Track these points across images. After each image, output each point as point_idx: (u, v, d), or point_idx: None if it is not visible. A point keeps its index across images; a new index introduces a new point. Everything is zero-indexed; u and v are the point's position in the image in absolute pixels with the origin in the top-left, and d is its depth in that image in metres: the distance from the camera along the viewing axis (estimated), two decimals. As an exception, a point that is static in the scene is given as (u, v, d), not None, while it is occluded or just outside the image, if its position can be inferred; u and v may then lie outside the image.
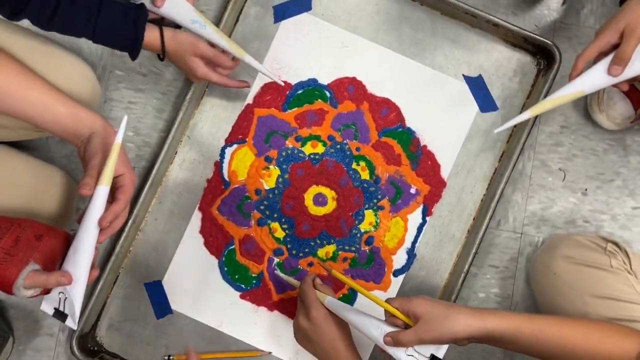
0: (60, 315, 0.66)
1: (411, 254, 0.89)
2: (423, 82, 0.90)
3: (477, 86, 0.90)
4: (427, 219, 0.89)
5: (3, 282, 0.62)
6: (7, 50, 0.68)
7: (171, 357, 0.87)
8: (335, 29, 0.90)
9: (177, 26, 0.78)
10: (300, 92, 0.90)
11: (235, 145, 0.90)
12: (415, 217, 0.89)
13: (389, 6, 0.90)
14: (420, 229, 0.89)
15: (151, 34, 0.75)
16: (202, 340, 0.88)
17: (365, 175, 0.89)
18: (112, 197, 0.66)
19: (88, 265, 0.64)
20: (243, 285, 0.88)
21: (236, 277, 0.88)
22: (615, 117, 0.84)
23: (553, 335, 0.64)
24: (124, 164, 0.67)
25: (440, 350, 0.66)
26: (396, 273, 0.89)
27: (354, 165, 0.89)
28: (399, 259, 0.89)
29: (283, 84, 0.88)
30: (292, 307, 0.88)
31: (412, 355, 0.67)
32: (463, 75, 0.90)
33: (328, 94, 0.90)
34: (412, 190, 0.89)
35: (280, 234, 0.88)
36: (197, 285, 0.88)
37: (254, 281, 0.88)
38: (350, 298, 0.87)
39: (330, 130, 0.89)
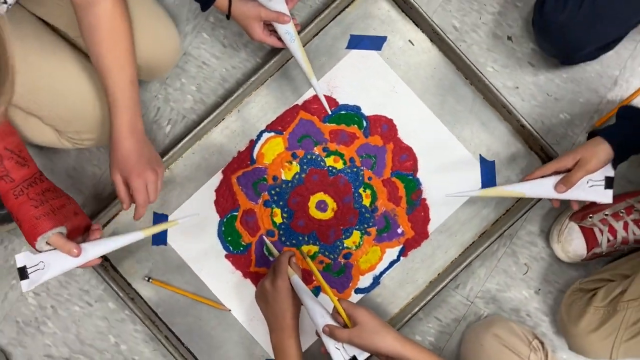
0: (22, 273, 0.79)
1: (376, 280, 1.02)
2: (445, 147, 1.02)
3: (487, 169, 1.02)
4: (401, 258, 1.02)
5: (36, 230, 0.77)
6: None
7: (150, 280, 1.01)
8: (392, 74, 1.03)
9: None
10: (343, 112, 1.03)
11: (272, 133, 1.03)
12: (392, 253, 1.02)
13: (444, 74, 1.03)
14: (392, 264, 1.02)
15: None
16: (181, 276, 1.01)
17: (366, 201, 1.02)
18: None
19: (88, 259, 0.82)
20: (231, 248, 1.02)
21: (229, 238, 1.02)
22: (569, 252, 0.96)
23: None
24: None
25: (362, 355, 0.80)
26: (358, 291, 1.02)
27: (360, 190, 1.02)
28: (364, 281, 1.02)
29: (330, 111, 1.01)
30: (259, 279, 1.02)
31: (338, 349, 0.81)
32: (480, 155, 1.02)
33: (365, 123, 1.03)
34: (399, 230, 1.02)
35: (278, 219, 1.02)
36: (195, 232, 1.01)
37: (241, 248, 1.02)
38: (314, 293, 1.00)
39: (354, 154, 1.02)
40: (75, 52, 0.88)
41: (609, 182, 0.87)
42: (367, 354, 0.81)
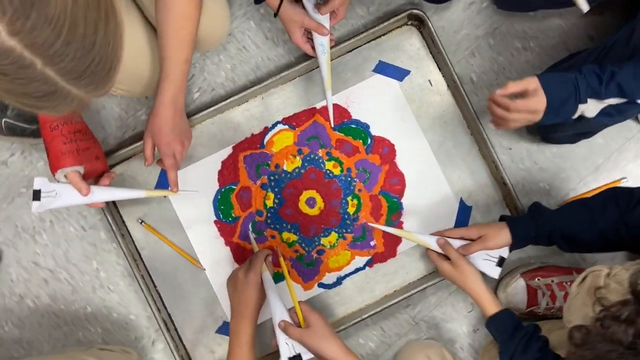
0: (36, 195, 0.91)
1: (339, 281, 1.13)
2: (433, 182, 1.13)
3: (463, 212, 1.13)
4: (367, 268, 1.13)
5: (59, 163, 0.89)
6: None
7: (142, 223, 1.12)
8: (406, 105, 1.13)
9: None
10: (353, 126, 1.13)
11: (286, 126, 1.13)
12: (359, 260, 1.13)
13: (450, 119, 1.13)
14: (357, 270, 1.13)
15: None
16: (169, 227, 1.11)
17: (351, 210, 1.13)
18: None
19: (93, 201, 0.93)
20: (221, 215, 1.13)
21: (222, 207, 1.13)
22: (511, 303, 1.08)
23: None
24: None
25: (307, 355, 0.91)
26: (320, 285, 1.13)
27: (349, 198, 1.13)
28: (329, 278, 1.12)
29: (334, 125, 1.11)
30: (239, 254, 1.12)
31: (287, 345, 0.92)
32: (461, 198, 1.13)
33: (369, 141, 1.13)
34: (372, 243, 1.13)
35: (270, 203, 1.12)
36: (194, 193, 1.11)
37: (230, 219, 1.13)
38: (279, 277, 1.11)
39: (352, 165, 1.13)
40: (138, 13, 0.98)
41: (501, 262, 1.01)
42: (311, 355, 0.92)
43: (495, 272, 1.01)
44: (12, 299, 1.13)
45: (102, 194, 0.94)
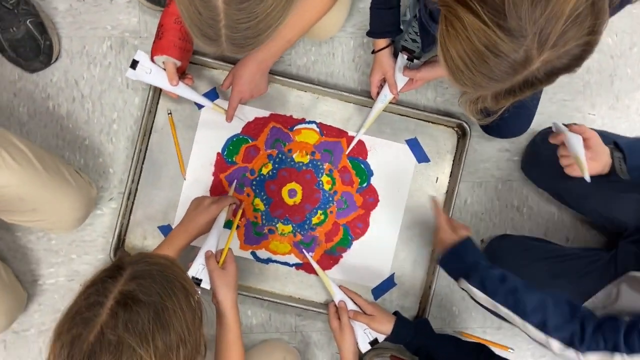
0: (133, 65, 1.09)
1: (267, 261, 1.31)
2: (383, 247, 1.31)
3: (387, 284, 1.31)
4: (293, 268, 1.31)
5: (167, 50, 1.06)
6: None
7: (169, 114, 1.29)
8: (408, 182, 1.32)
9: (395, 54, 1.20)
10: (362, 166, 1.32)
11: (317, 129, 1.32)
12: (293, 258, 1.31)
13: (431, 213, 1.31)
14: (285, 263, 1.31)
15: (383, 41, 1.17)
16: (185, 132, 1.29)
17: (315, 220, 1.31)
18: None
19: (172, 91, 1.11)
20: (225, 153, 1.31)
21: (230, 147, 1.31)
22: None
23: None
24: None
25: (206, 285, 1.07)
26: (253, 254, 1.31)
27: (319, 212, 1.31)
28: (262, 254, 1.31)
29: (348, 153, 1.30)
30: (215, 188, 1.30)
31: (199, 268, 1.08)
32: (393, 274, 1.31)
33: (365, 185, 1.32)
34: (310, 254, 1.31)
35: (265, 170, 1.31)
36: (222, 124, 1.28)
37: (229, 160, 1.31)
38: (228, 225, 1.28)
39: (340, 191, 1.31)
40: None
41: (374, 342, 1.20)
42: (209, 287, 1.08)
43: (365, 347, 1.20)
44: (41, 94, 1.31)
45: (182, 89, 1.12)
